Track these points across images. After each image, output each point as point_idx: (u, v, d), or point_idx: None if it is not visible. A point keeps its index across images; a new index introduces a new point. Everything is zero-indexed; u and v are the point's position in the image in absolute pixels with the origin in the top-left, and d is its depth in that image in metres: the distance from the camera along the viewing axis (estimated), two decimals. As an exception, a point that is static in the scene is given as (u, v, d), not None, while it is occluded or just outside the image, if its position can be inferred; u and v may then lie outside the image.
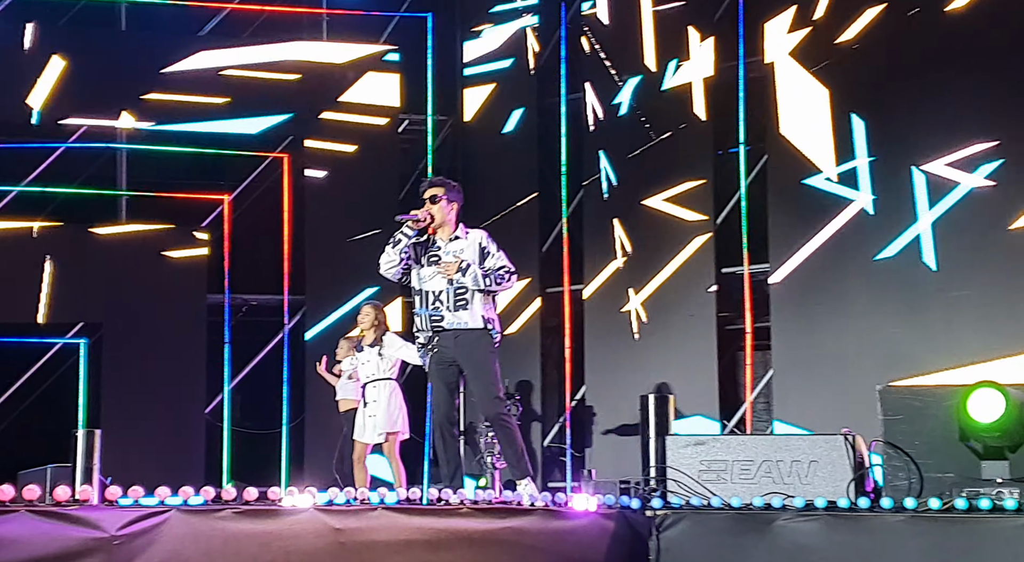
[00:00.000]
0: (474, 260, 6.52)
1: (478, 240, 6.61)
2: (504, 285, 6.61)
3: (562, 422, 11.00)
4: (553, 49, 11.52)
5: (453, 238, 6.58)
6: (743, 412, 10.04)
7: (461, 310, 6.46)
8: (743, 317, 10.05)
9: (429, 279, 6.52)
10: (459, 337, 6.47)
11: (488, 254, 6.59)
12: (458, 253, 6.53)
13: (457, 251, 6.54)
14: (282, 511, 5.35)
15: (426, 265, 6.54)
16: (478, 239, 6.61)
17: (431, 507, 5.76)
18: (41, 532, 4.69)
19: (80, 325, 10.58)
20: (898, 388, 6.14)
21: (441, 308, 6.47)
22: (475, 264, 6.51)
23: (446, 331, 6.48)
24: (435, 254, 6.55)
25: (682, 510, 6.06)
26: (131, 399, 10.35)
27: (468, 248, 6.55)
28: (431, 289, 6.52)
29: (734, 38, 10.30)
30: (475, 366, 6.49)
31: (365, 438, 8.30)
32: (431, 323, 6.51)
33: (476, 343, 6.47)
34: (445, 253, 6.53)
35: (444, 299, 6.47)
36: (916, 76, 9.18)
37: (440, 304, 6.47)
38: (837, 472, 6.06)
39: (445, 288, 6.47)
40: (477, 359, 6.47)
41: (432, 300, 6.50)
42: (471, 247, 6.56)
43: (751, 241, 10.01)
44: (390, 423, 8.23)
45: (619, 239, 10.69)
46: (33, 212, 10.77)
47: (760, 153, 10.13)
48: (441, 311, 6.47)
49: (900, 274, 9.13)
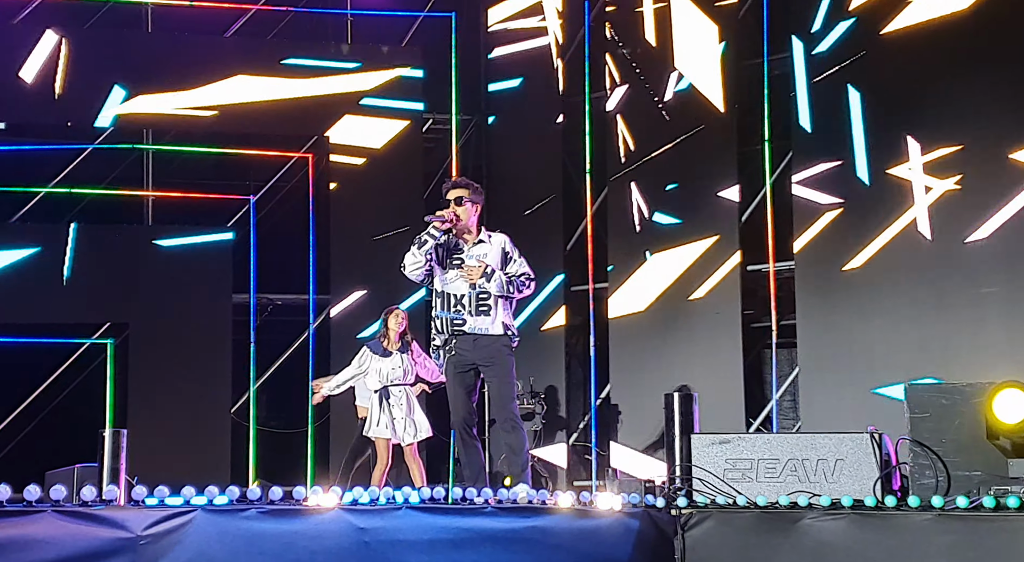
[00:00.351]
0: (497, 264, 6.50)
1: (501, 244, 6.59)
2: (524, 292, 6.61)
3: (587, 421, 10.99)
4: (577, 47, 11.50)
5: (477, 242, 6.56)
6: (769, 410, 10.00)
7: (483, 315, 6.45)
8: (768, 314, 10.01)
9: (451, 282, 6.50)
10: (478, 340, 6.46)
11: (511, 259, 6.57)
12: (482, 257, 6.50)
13: (481, 255, 6.51)
14: (307, 511, 5.37)
15: (449, 267, 6.52)
16: (501, 243, 6.59)
17: (455, 506, 5.76)
18: (67, 532, 4.71)
19: (107, 326, 10.66)
20: (924, 386, 6.10)
21: (463, 312, 6.45)
22: (499, 268, 6.49)
23: (466, 335, 6.46)
24: (459, 257, 6.53)
25: (707, 509, 6.04)
26: (157, 399, 10.41)
27: (492, 252, 6.53)
28: (453, 292, 6.49)
29: (759, 34, 10.25)
30: (496, 370, 6.49)
31: (399, 438, 8.28)
32: (452, 326, 6.49)
33: (496, 347, 6.47)
34: (468, 256, 6.51)
35: (466, 303, 6.45)
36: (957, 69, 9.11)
37: (462, 308, 6.46)
38: (863, 470, 6.02)
39: (468, 292, 6.45)
40: (498, 363, 6.48)
41: (454, 303, 6.49)
42: (495, 251, 6.54)
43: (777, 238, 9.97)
44: (421, 428, 8.26)
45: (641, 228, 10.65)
46: (60, 213, 10.86)
47: (785, 149, 10.07)
48: (463, 315, 6.45)
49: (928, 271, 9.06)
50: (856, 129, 9.51)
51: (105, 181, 10.99)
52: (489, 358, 6.46)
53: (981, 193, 8.86)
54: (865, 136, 9.46)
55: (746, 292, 10.16)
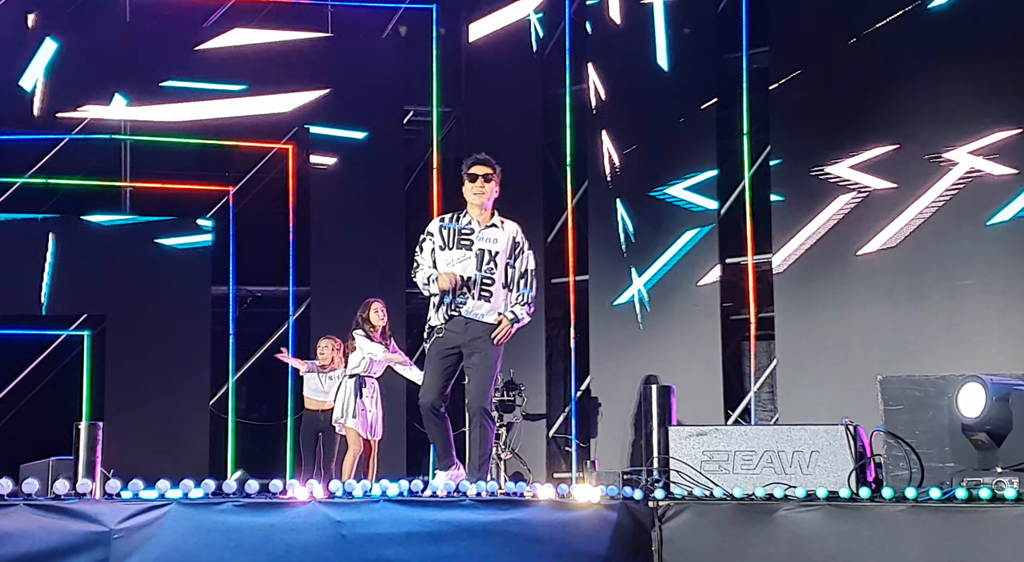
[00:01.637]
0: (505, 252, 6.26)
1: (513, 233, 6.32)
2: (527, 309, 6.34)
3: (567, 413, 11.01)
4: (558, 39, 11.49)
5: (490, 225, 6.31)
6: (747, 402, 10.04)
7: (484, 301, 6.22)
8: (747, 307, 10.04)
9: (457, 263, 6.25)
10: (469, 324, 6.22)
11: (521, 251, 6.33)
12: (491, 241, 6.33)
13: (491, 239, 6.29)
14: (283, 504, 5.34)
15: (457, 248, 6.27)
16: (513, 232, 6.33)
17: (433, 499, 5.74)
18: (40, 526, 4.68)
19: (84, 317, 10.61)
20: (899, 378, 6.11)
21: (468, 294, 6.21)
22: (505, 257, 6.27)
23: (460, 317, 6.26)
24: (467, 238, 6.28)
25: (684, 500, 6.05)
26: (135, 391, 10.37)
27: (502, 238, 6.28)
28: (458, 273, 6.23)
29: (738, 29, 10.27)
30: (480, 357, 6.26)
31: (365, 431, 8.29)
32: (451, 308, 6.25)
33: (486, 336, 6.25)
34: (479, 238, 6.26)
35: (471, 286, 6.20)
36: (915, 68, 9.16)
37: (467, 290, 6.20)
38: (838, 462, 6.05)
39: (474, 275, 6.20)
40: (482, 349, 6.25)
41: (459, 285, 6.28)
42: (505, 238, 6.28)
43: (755, 231, 10.00)
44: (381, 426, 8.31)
45: (622, 223, 10.66)
46: (37, 204, 10.80)
47: (764, 143, 10.10)
48: (467, 297, 6.21)
49: (904, 263, 9.11)
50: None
51: (83, 172, 10.93)
52: (474, 345, 6.24)
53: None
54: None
55: (725, 285, 10.18)
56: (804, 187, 9.70)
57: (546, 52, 11.57)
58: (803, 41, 9.84)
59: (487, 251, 6.23)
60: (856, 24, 9.48)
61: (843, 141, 9.48)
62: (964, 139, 8.90)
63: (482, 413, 6.32)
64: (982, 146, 8.85)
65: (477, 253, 6.23)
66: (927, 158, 9.07)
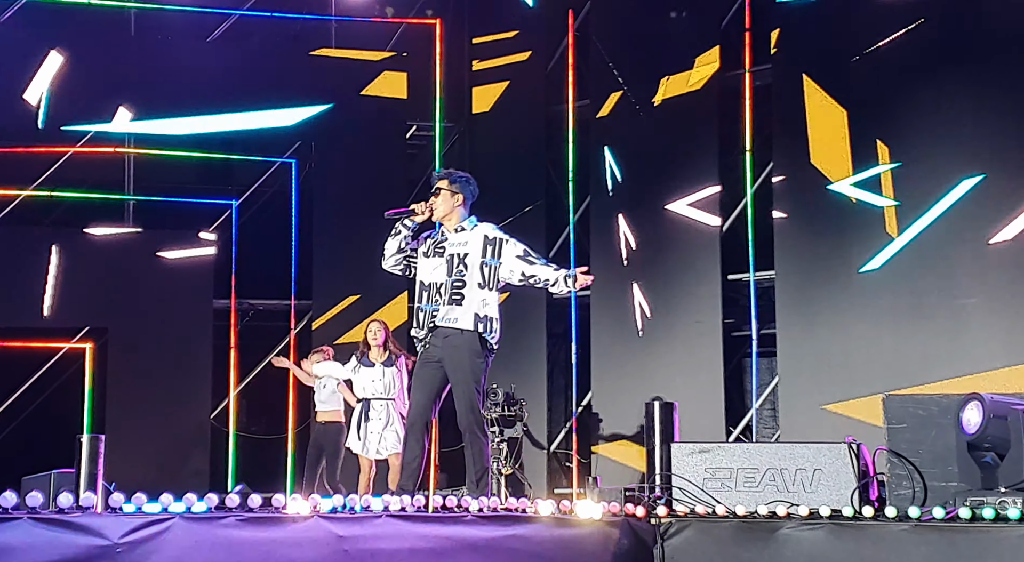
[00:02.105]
0: (479, 253, 6.29)
1: (484, 232, 6.36)
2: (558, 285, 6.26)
3: (568, 428, 11.00)
4: (561, 55, 11.53)
5: (458, 230, 6.38)
6: (749, 419, 10.03)
7: (455, 305, 6.23)
8: (749, 324, 10.05)
9: (433, 270, 6.33)
10: (448, 338, 6.22)
11: (501, 243, 6.32)
12: (461, 245, 6.36)
13: (460, 243, 6.34)
14: (285, 519, 5.34)
15: (431, 257, 6.36)
16: (484, 231, 6.37)
17: (435, 515, 5.74)
18: (43, 540, 4.67)
19: (86, 329, 10.61)
20: (902, 397, 6.12)
21: (440, 302, 6.26)
22: (480, 257, 6.30)
23: (438, 328, 6.26)
24: (441, 245, 6.36)
25: (687, 518, 6.05)
26: (136, 403, 10.37)
27: (472, 240, 6.33)
28: (434, 281, 6.34)
29: (741, 46, 10.30)
30: (458, 370, 6.22)
31: (371, 454, 8.28)
32: (430, 318, 6.30)
33: (463, 346, 6.21)
34: (451, 245, 6.33)
35: (443, 292, 6.26)
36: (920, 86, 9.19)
37: (439, 297, 6.26)
38: (841, 480, 6.05)
39: (445, 280, 6.27)
40: (461, 363, 6.21)
41: (432, 294, 6.34)
42: (475, 240, 6.33)
43: (757, 247, 10.02)
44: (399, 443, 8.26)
45: (624, 239, 10.67)
46: (40, 216, 10.82)
47: (766, 160, 10.12)
48: (439, 304, 6.26)
49: (908, 281, 9.12)
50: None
51: (86, 184, 10.95)
52: (455, 360, 6.21)
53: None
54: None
55: (727, 301, 10.19)
56: (806, 204, 9.71)
57: (549, 68, 11.61)
58: (806, 58, 9.85)
59: (456, 255, 6.30)
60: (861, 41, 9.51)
61: (844, 158, 9.49)
62: (964, 156, 8.91)
63: (473, 429, 6.27)
64: (981, 163, 8.86)
65: (447, 258, 6.30)
66: (930, 175, 9.08)
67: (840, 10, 9.68)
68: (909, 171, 9.21)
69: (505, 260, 6.31)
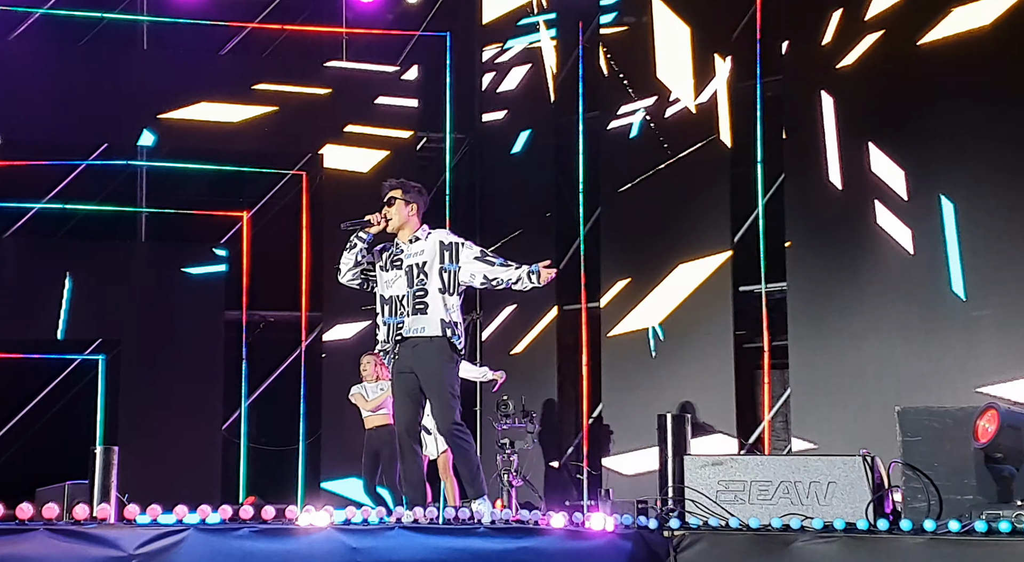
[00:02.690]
0: (434, 259, 6.33)
1: (438, 238, 6.40)
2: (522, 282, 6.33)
3: (579, 440, 10.99)
4: (571, 67, 11.55)
5: (413, 240, 6.42)
6: (761, 431, 10.02)
7: (419, 314, 6.28)
8: (761, 335, 10.03)
9: (392, 284, 6.39)
10: (417, 346, 6.28)
11: (458, 247, 6.35)
12: (418, 254, 6.39)
13: (417, 252, 6.38)
14: (299, 530, 5.36)
15: (389, 269, 6.41)
16: (439, 237, 6.41)
17: (448, 526, 5.75)
18: (60, 551, 4.71)
19: (98, 342, 10.64)
20: (917, 409, 6.10)
21: (404, 314, 6.31)
22: (437, 263, 6.33)
23: (406, 339, 6.31)
24: (398, 257, 6.42)
25: (700, 530, 6.04)
26: (148, 415, 10.38)
27: (428, 248, 6.37)
28: (394, 294, 6.38)
29: (752, 57, 10.32)
30: (430, 378, 6.28)
31: (428, 452, 8.35)
32: (395, 331, 6.35)
33: (433, 353, 6.26)
34: (407, 256, 6.38)
35: (406, 303, 6.32)
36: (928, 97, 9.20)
37: (403, 308, 6.32)
38: (856, 493, 6.03)
39: (406, 292, 6.33)
40: (433, 370, 6.26)
41: (396, 307, 6.38)
42: (430, 247, 6.37)
43: (768, 259, 10.02)
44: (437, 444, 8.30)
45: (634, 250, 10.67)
46: (53, 229, 10.85)
47: (778, 171, 10.12)
48: (403, 317, 6.31)
49: (920, 293, 9.10)
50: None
51: (98, 197, 10.99)
52: (425, 368, 6.27)
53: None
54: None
55: (738, 313, 10.18)
56: (818, 215, 9.70)
57: (559, 79, 11.63)
58: (816, 67, 9.86)
59: (415, 265, 6.36)
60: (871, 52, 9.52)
61: (858, 170, 9.49)
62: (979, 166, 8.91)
63: (452, 432, 6.30)
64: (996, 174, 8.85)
65: (406, 270, 6.36)
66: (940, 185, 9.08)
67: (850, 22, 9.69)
68: (920, 182, 9.19)
69: (464, 263, 6.37)
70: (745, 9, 10.41)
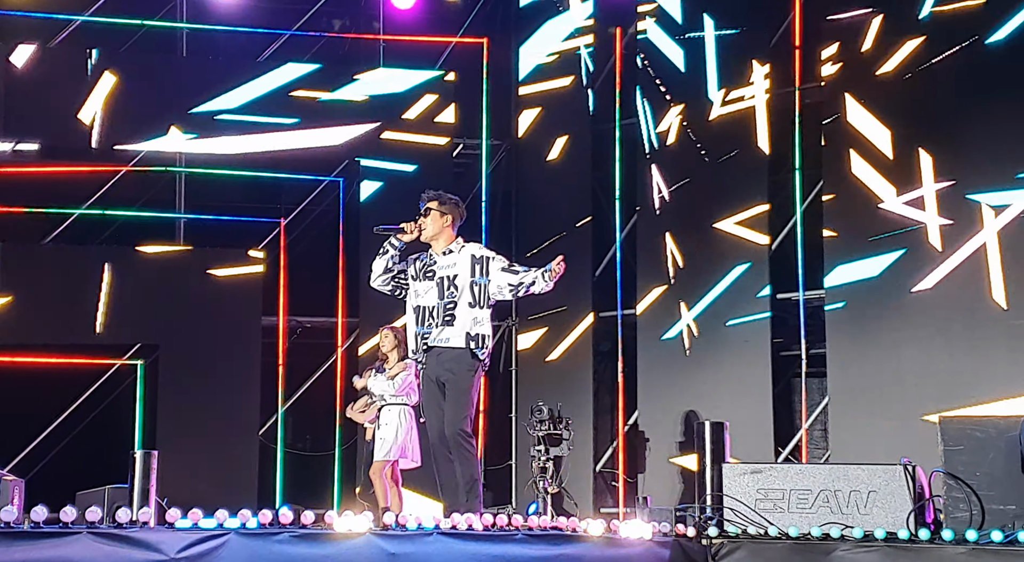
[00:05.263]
0: (468, 273, 6.42)
1: (471, 252, 6.51)
2: (537, 284, 6.40)
3: (615, 447, 10.96)
4: (608, 73, 11.54)
5: (446, 252, 6.52)
6: (798, 439, 9.95)
7: (447, 326, 6.38)
8: (798, 343, 9.97)
9: (423, 294, 6.48)
10: (441, 355, 6.40)
11: (488, 261, 6.44)
12: (450, 266, 6.46)
13: (449, 265, 6.47)
14: (339, 535, 5.38)
15: (421, 280, 6.50)
16: (471, 251, 6.51)
17: (486, 533, 5.75)
18: (103, 554, 4.75)
19: (137, 346, 10.72)
20: (959, 418, 6.06)
21: (432, 324, 6.41)
22: (470, 276, 6.41)
23: (432, 349, 6.42)
24: (430, 268, 6.51)
25: (738, 539, 6.02)
26: (186, 420, 10.44)
27: (460, 261, 6.47)
28: (425, 304, 6.46)
29: (790, 64, 10.27)
30: (450, 383, 6.37)
31: (379, 456, 8.34)
32: (423, 341, 6.46)
33: (455, 361, 6.37)
34: (440, 268, 6.48)
35: (435, 314, 6.41)
36: (971, 104, 9.13)
37: (432, 320, 6.42)
38: (897, 503, 5.99)
39: (437, 303, 6.41)
40: (452, 375, 6.37)
41: (426, 317, 6.45)
42: (463, 260, 6.47)
43: (806, 266, 9.96)
44: (395, 449, 8.24)
45: (671, 258, 10.63)
46: (93, 234, 10.95)
47: (816, 179, 10.06)
48: (432, 328, 6.41)
49: (960, 301, 9.02)
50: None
51: (138, 203, 11.08)
52: (448, 373, 6.38)
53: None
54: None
55: (775, 321, 10.12)
56: (857, 222, 9.64)
57: (596, 85, 11.62)
58: (855, 75, 9.79)
59: (446, 277, 6.45)
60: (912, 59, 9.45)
61: (898, 177, 9.43)
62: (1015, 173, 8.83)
63: (457, 437, 6.34)
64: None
65: (438, 282, 6.45)
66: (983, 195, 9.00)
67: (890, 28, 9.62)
68: (959, 189, 9.12)
69: (493, 277, 6.46)
70: (784, 15, 10.36)
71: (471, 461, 6.38)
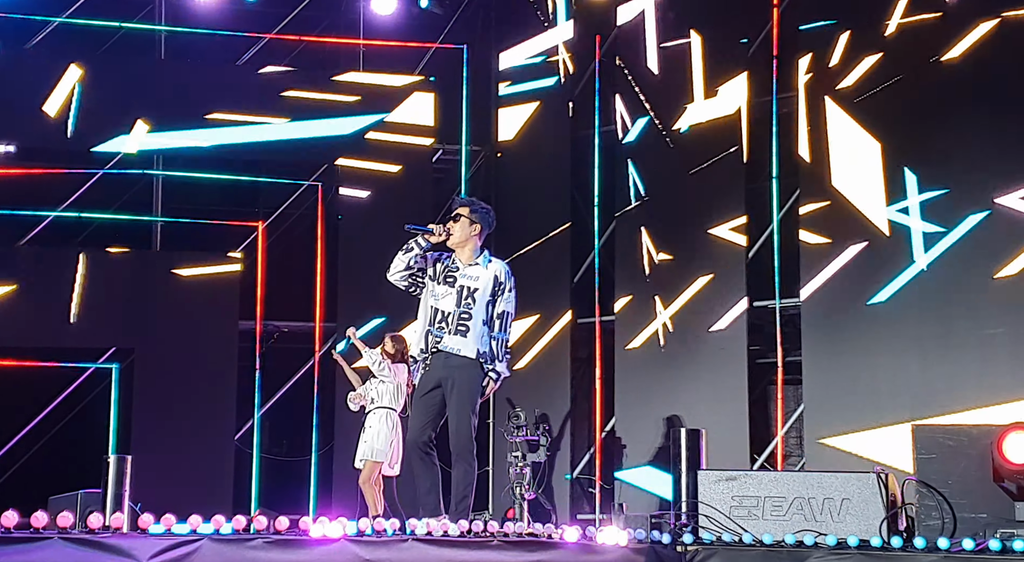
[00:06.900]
0: (486, 290, 6.45)
1: (495, 272, 6.51)
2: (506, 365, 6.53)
3: (591, 453, 10.97)
4: (588, 80, 11.57)
5: (473, 263, 6.51)
6: (774, 447, 9.98)
7: (459, 335, 6.37)
8: (774, 351, 10.01)
9: (441, 298, 6.46)
10: (449, 359, 6.37)
11: (503, 291, 6.50)
12: (473, 278, 6.48)
13: (472, 277, 6.47)
14: (312, 541, 5.36)
15: (442, 284, 6.49)
16: (496, 271, 6.51)
17: (461, 539, 5.74)
18: (74, 559, 4.72)
19: (112, 350, 10.67)
20: (932, 427, 6.10)
21: (445, 329, 6.40)
22: (486, 295, 6.45)
23: (440, 352, 6.40)
24: (452, 274, 6.50)
25: (713, 546, 6.03)
26: (161, 424, 10.40)
27: (484, 276, 6.47)
28: (441, 308, 6.44)
29: (768, 73, 10.32)
30: (458, 394, 6.33)
31: (359, 457, 8.28)
32: (431, 341, 6.43)
33: (464, 370, 6.35)
34: (462, 276, 6.47)
35: (449, 320, 6.39)
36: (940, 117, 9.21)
37: (445, 325, 6.40)
38: (869, 510, 6.02)
39: (453, 310, 6.40)
40: (461, 387, 6.33)
41: (439, 319, 6.44)
42: (487, 276, 6.48)
43: (782, 274, 10.00)
44: (373, 451, 8.20)
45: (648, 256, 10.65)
46: (69, 237, 10.90)
47: (793, 187, 10.11)
48: (444, 331, 6.40)
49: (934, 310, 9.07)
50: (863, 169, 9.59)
51: (114, 206, 11.03)
52: (454, 381, 6.34)
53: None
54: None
55: (752, 328, 10.16)
56: (834, 231, 9.69)
57: (576, 92, 11.65)
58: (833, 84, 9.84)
59: (466, 288, 6.46)
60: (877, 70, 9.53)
61: (877, 186, 9.48)
62: (997, 185, 8.89)
63: (464, 456, 6.32)
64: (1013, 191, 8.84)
65: (458, 289, 6.45)
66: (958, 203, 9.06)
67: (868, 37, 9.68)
68: (937, 199, 9.17)
69: (500, 302, 6.52)
70: (762, 25, 10.41)
71: (473, 475, 6.35)
